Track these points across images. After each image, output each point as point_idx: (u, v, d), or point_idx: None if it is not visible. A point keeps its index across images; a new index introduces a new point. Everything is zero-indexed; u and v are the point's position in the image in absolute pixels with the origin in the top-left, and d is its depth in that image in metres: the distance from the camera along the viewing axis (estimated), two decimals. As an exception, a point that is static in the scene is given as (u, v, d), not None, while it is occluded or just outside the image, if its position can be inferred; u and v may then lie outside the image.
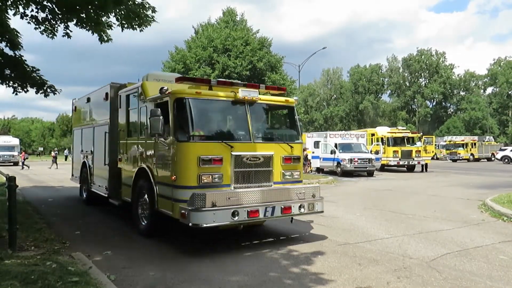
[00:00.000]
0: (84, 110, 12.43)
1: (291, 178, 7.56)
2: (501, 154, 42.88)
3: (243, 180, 6.94)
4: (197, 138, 6.73)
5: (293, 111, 8.13)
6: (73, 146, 14.06)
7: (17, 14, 9.92)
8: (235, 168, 6.83)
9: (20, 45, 11.34)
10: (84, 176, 12.01)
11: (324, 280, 5.21)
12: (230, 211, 6.27)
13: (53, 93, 12.21)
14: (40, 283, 4.45)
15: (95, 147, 10.95)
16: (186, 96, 6.83)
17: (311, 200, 7.26)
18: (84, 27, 9.54)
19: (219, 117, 7.61)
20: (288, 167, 7.55)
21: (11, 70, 11.39)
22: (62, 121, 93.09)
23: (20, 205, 9.90)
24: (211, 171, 6.64)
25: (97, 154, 10.82)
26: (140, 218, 7.96)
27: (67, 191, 15.95)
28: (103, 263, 5.92)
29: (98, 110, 10.98)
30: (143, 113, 7.93)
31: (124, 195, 8.91)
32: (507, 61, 77.38)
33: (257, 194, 6.68)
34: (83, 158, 12.06)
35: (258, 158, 7.12)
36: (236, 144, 6.92)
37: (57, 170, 31.21)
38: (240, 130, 7.34)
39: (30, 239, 6.93)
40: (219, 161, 6.68)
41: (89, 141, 11.51)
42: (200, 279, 5.27)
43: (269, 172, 7.25)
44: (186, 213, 6.19)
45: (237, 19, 39.22)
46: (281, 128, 8.53)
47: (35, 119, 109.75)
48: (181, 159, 6.60)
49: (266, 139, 7.60)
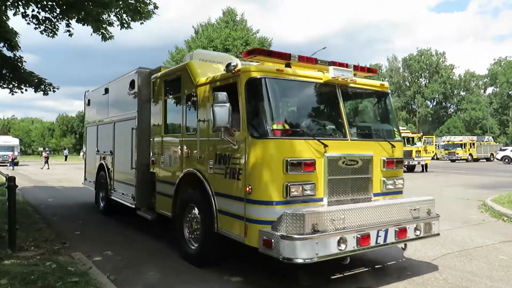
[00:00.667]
0: (101, 104, 10.40)
1: (394, 188, 5.71)
2: (501, 154, 42.74)
3: (338, 192, 5.07)
4: (281, 134, 4.84)
5: (389, 99, 6.30)
6: (85, 146, 12.02)
7: (17, 14, 9.91)
8: (329, 175, 4.97)
9: (18, 45, 11.38)
10: (102, 181, 9.95)
11: None
12: (335, 238, 4.43)
13: (52, 90, 12.30)
14: (40, 283, 4.41)
15: (116, 146, 9.10)
16: (264, 75, 4.90)
17: (427, 218, 5.36)
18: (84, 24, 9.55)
19: (306, 105, 5.66)
20: (390, 174, 5.69)
21: (9, 71, 11.43)
22: (62, 121, 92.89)
23: (20, 205, 9.78)
24: (302, 180, 4.74)
25: (119, 155, 8.94)
26: (187, 240, 6.04)
27: (67, 191, 15.93)
28: (103, 263, 5.84)
29: (120, 103, 9.02)
30: (191, 102, 6.16)
31: (161, 208, 6.94)
32: (507, 61, 77.14)
33: (365, 212, 4.80)
34: (100, 160, 10.08)
35: (355, 161, 5.23)
36: (330, 142, 5.05)
37: (57, 170, 31.10)
38: (331, 122, 5.47)
39: (30, 239, 6.80)
40: (311, 165, 4.82)
41: (107, 140, 9.61)
42: (200, 279, 5.22)
43: (368, 181, 5.36)
44: (273, 241, 4.36)
45: (237, 19, 39.25)
46: (376, 121, 6.50)
47: (35, 119, 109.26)
48: (260, 162, 4.68)
49: (363, 136, 5.71)
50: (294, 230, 4.31)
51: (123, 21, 9.50)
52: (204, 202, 5.58)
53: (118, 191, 8.89)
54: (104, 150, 9.87)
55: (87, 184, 11.58)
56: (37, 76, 12.05)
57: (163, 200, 6.89)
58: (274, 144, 4.72)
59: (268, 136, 4.71)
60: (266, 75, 4.93)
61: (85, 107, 11.96)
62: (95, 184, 10.54)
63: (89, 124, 11.54)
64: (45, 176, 25.12)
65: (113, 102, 9.55)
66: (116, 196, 8.95)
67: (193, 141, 5.98)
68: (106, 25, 9.53)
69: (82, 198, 13.04)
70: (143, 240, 7.43)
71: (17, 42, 11.41)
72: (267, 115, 4.85)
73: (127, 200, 8.23)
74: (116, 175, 9.12)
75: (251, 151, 4.78)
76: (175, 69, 6.78)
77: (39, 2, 9.21)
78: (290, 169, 4.65)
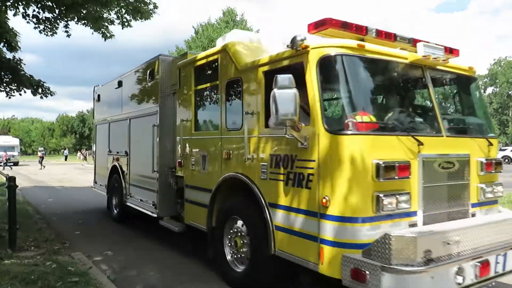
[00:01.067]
0: (113, 99, 9.24)
1: (493, 197, 4.54)
2: (501, 154, 42.79)
3: (433, 203, 3.90)
4: (366, 128, 3.66)
5: (478, 86, 5.13)
6: (95, 146, 10.97)
7: (17, 15, 9.93)
8: (424, 181, 3.80)
9: (18, 46, 11.38)
10: (115, 185, 8.87)
11: None
12: (453, 269, 3.32)
13: (50, 94, 12.28)
14: (40, 283, 4.38)
15: (133, 146, 8.02)
16: (343, 51, 3.72)
17: None
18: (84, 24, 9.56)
19: (391, 91, 4.53)
20: (489, 178, 4.50)
21: (8, 73, 11.44)
22: (62, 121, 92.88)
23: (20, 205, 9.69)
24: (395, 189, 3.59)
25: (136, 156, 7.90)
26: (229, 261, 4.90)
27: (67, 191, 15.94)
28: (103, 263, 5.79)
29: (137, 96, 7.89)
30: (233, 91, 5.03)
31: (191, 218, 5.80)
32: (507, 61, 77.10)
33: (479, 231, 3.71)
34: (113, 162, 8.98)
35: (452, 163, 4.06)
36: (424, 139, 3.86)
37: (57, 170, 31.14)
38: (421, 114, 4.37)
39: (30, 239, 6.77)
40: (406, 169, 3.63)
41: (121, 139, 8.50)
42: (200, 280, 5.17)
43: (465, 188, 4.20)
44: (368, 273, 3.20)
45: (237, 19, 39.23)
46: (467, 113, 5.12)
47: (35, 119, 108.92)
48: (341, 165, 3.52)
49: (458, 131, 4.52)
50: (401, 259, 3.14)
51: (123, 19, 9.50)
52: (253, 214, 4.46)
53: (135, 197, 7.79)
54: (118, 151, 8.74)
55: (98, 188, 10.42)
56: (36, 80, 12.06)
57: (194, 209, 5.73)
58: (360, 142, 3.53)
59: (350, 131, 3.53)
60: (345, 51, 3.73)
61: (95, 104, 10.77)
62: (107, 188, 9.39)
63: (99, 121, 10.38)
64: (45, 176, 25.03)
65: (128, 96, 8.29)
66: (133, 203, 7.84)
67: (236, 139, 4.81)
68: (106, 24, 9.54)
69: (82, 198, 13.01)
70: (143, 240, 7.42)
71: (16, 43, 11.42)
72: (348, 103, 3.72)
73: (147, 207, 7.12)
74: (132, 178, 8.01)
75: (328, 151, 3.62)
76: (210, 52, 5.52)
77: (39, 2, 9.21)
78: (382, 175, 3.48)
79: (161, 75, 6.77)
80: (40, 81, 12.08)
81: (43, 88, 12.07)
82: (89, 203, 11.82)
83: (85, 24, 9.33)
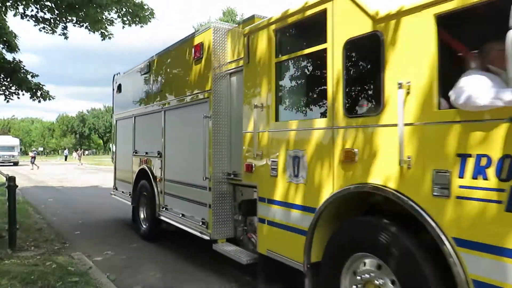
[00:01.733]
0: (140, 87, 7.49)
1: None
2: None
3: None
4: None
5: None
6: (115, 144, 9.19)
7: (17, 15, 9.95)
8: None
9: (17, 47, 11.40)
10: (143, 193, 7.23)
11: None
12: None
13: (48, 98, 12.20)
14: (40, 283, 4.37)
15: (169, 145, 6.38)
16: None
17: None
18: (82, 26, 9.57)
19: None
20: None
21: (7, 75, 11.43)
22: (62, 121, 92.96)
23: (20, 205, 9.69)
24: None
25: (174, 158, 6.23)
26: None
27: (67, 191, 15.90)
28: (103, 263, 5.76)
29: (175, 81, 6.22)
30: (359, 53, 3.50)
31: (272, 247, 4.02)
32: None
33: None
34: (140, 164, 7.36)
35: None
36: None
37: (57, 170, 31.20)
38: None
39: (30, 239, 6.76)
40: None
41: (152, 136, 6.88)
42: (200, 279, 5.13)
43: None
44: None
45: (237, 19, 39.27)
46: None
47: (35, 119, 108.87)
48: None
49: None
50: None
51: (124, 19, 9.53)
52: (414, 260, 2.63)
53: (174, 211, 6.14)
54: (147, 151, 7.12)
55: (119, 195, 8.62)
56: (35, 83, 12.00)
57: (280, 236, 3.91)
58: None
59: None
60: None
61: (114, 95, 9.07)
62: (132, 196, 7.69)
63: (121, 116, 8.66)
64: (45, 176, 25.06)
65: (162, 82, 6.68)
66: (171, 218, 6.16)
67: (369, 131, 3.03)
68: (105, 24, 9.57)
69: (83, 198, 13.02)
70: (143, 241, 7.38)
71: (16, 43, 11.43)
72: None
73: (194, 226, 5.47)
74: (169, 186, 6.34)
75: None
76: (308, 4, 3.64)
77: (38, 2, 9.23)
78: None
79: (214, 50, 5.14)
80: (40, 84, 12.02)
81: (42, 91, 12.03)
82: (89, 203, 11.78)
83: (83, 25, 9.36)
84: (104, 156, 70.13)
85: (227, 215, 5.14)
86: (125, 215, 9.03)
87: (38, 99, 12.00)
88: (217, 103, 5.14)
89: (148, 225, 7.17)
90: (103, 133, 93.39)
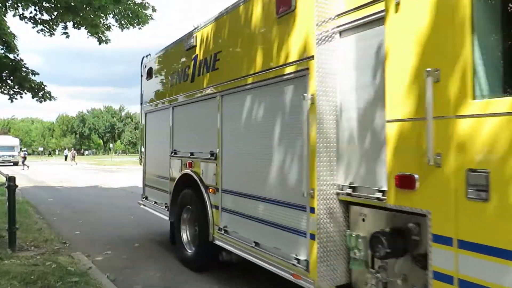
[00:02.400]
0: (180, 68, 5.85)
1: None
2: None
3: None
4: None
5: None
6: (144, 143, 7.46)
7: (16, 15, 9.97)
8: None
9: (16, 48, 11.43)
10: (187, 207, 5.61)
11: None
12: None
13: (49, 99, 12.28)
14: (40, 283, 4.36)
15: (229, 143, 4.57)
16: None
17: None
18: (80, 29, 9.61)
19: None
20: None
21: (9, 74, 11.47)
22: (62, 121, 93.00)
23: (20, 205, 9.64)
24: None
25: (239, 161, 4.36)
26: None
27: (67, 191, 15.87)
28: (103, 263, 5.75)
29: (244, 50, 4.28)
30: None
31: None
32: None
33: None
34: (182, 169, 5.68)
35: None
36: None
37: (58, 170, 31.15)
38: None
39: (30, 239, 6.72)
40: None
41: (202, 131, 5.18)
42: (200, 280, 5.12)
43: None
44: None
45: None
46: None
47: (35, 119, 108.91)
48: None
49: None
50: None
51: (122, 22, 9.56)
52: None
53: (238, 236, 4.35)
54: (194, 151, 5.42)
55: (150, 206, 6.92)
56: (38, 82, 12.05)
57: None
58: None
59: None
60: None
61: (143, 83, 7.43)
62: (170, 209, 6.00)
63: (152, 108, 6.99)
64: (45, 176, 25.06)
65: (220, 56, 4.77)
66: (236, 246, 4.35)
67: None
68: (103, 29, 9.62)
69: (83, 198, 13.01)
70: (143, 241, 7.40)
71: (15, 44, 11.45)
72: None
73: (280, 264, 3.63)
74: (230, 200, 4.54)
75: None
76: None
77: (37, 4, 9.25)
78: None
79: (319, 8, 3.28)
80: (42, 84, 12.09)
81: (44, 92, 12.10)
82: (89, 203, 11.76)
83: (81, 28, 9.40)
84: (104, 156, 70.14)
85: (339, 251, 3.34)
86: (125, 215, 9.01)
87: (40, 100, 12.04)
88: (323, 77, 3.29)
89: (197, 249, 5.42)
90: (103, 133, 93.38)
